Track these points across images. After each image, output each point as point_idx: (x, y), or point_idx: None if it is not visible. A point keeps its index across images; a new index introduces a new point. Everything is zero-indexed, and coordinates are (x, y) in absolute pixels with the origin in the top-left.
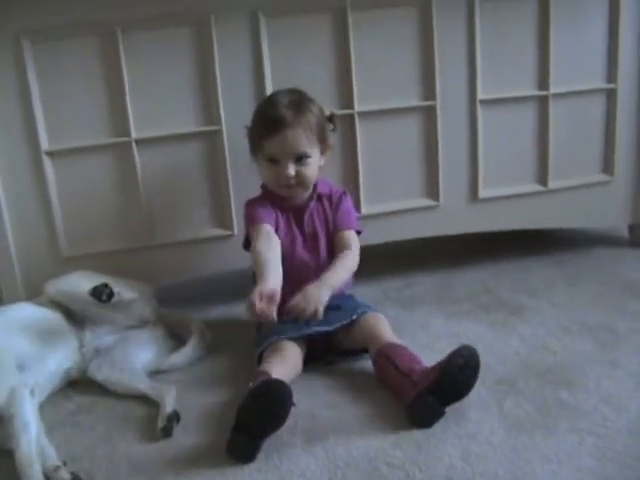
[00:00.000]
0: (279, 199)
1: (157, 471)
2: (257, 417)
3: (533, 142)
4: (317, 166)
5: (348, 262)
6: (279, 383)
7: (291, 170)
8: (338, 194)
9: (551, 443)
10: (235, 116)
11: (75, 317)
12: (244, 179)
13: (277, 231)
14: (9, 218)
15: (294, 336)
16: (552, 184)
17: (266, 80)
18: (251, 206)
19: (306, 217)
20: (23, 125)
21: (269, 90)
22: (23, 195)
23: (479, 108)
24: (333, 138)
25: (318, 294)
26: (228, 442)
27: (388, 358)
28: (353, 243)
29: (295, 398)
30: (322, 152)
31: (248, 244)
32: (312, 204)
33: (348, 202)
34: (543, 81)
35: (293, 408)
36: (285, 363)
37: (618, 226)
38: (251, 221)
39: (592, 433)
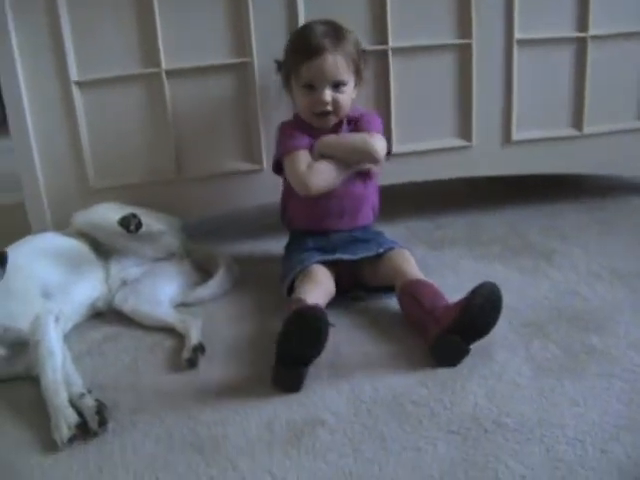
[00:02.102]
0: (310, 128)
1: (181, 401)
2: (296, 346)
3: (569, 85)
4: (351, 96)
5: (363, 135)
6: (312, 308)
7: (328, 96)
8: (366, 113)
9: (578, 386)
10: (266, 49)
11: (102, 248)
12: (274, 113)
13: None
14: (37, 149)
15: (320, 261)
16: (587, 129)
17: (299, 13)
18: (286, 129)
19: None
20: (52, 55)
21: (302, 23)
22: (52, 126)
23: (515, 48)
24: (366, 75)
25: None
26: (273, 374)
27: (413, 295)
28: (378, 134)
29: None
30: (356, 84)
31: (278, 167)
32: (344, 127)
33: (374, 117)
34: (582, 22)
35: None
36: (318, 286)
37: None
38: (289, 145)
39: (620, 378)
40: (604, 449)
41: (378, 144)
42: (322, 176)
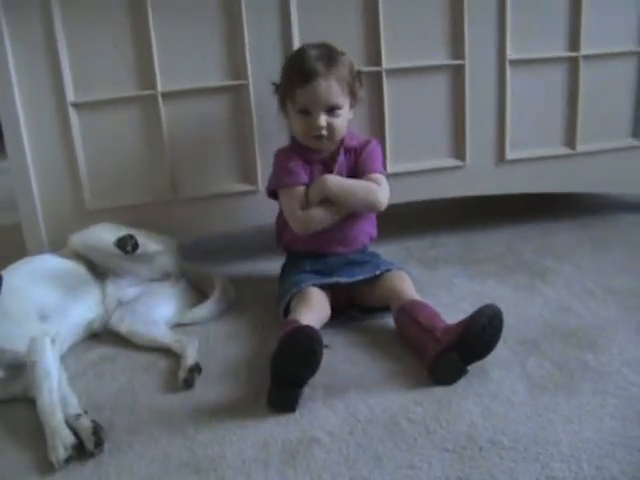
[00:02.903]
0: (308, 152)
1: (178, 421)
2: (290, 366)
3: (562, 104)
4: (346, 119)
5: (369, 185)
6: (305, 328)
7: (322, 121)
8: (364, 142)
9: (573, 404)
10: (262, 71)
11: (98, 269)
12: (269, 135)
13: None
14: (34, 170)
15: (316, 284)
16: (580, 147)
17: (294, 35)
18: (283, 159)
19: (335, 171)
20: (49, 76)
21: (296, 45)
22: (48, 147)
23: (508, 68)
24: (362, 94)
25: (324, 177)
26: (268, 395)
27: (410, 314)
28: (381, 182)
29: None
30: (351, 105)
31: (273, 194)
32: (340, 158)
33: (374, 147)
34: (574, 42)
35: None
36: (313, 309)
37: None
38: (286, 180)
39: (614, 395)
40: (599, 466)
41: (383, 195)
42: (317, 221)
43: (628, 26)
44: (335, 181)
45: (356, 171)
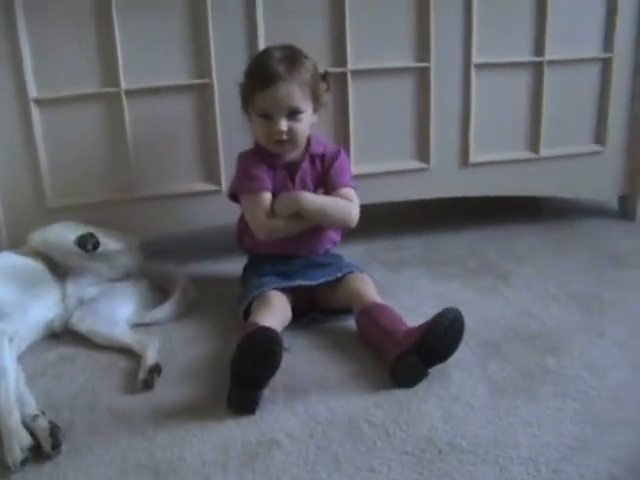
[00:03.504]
0: (271, 157)
1: (138, 422)
2: (250, 367)
3: (526, 108)
4: (309, 123)
5: (342, 202)
6: (265, 330)
7: (283, 125)
8: (332, 152)
9: (533, 407)
10: (226, 70)
11: (58, 268)
12: (234, 134)
13: (272, 188)
14: None
15: (278, 287)
16: (544, 152)
17: (259, 35)
18: (246, 164)
19: (297, 178)
20: (11, 73)
21: (262, 45)
22: (9, 144)
23: (473, 72)
24: (325, 95)
25: (298, 195)
26: (228, 396)
27: (371, 317)
28: (352, 198)
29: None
30: (315, 110)
31: (234, 197)
32: (305, 165)
33: (342, 160)
34: (539, 47)
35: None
36: (273, 312)
37: (608, 197)
38: (250, 186)
39: (574, 399)
40: (557, 469)
41: (355, 212)
42: (282, 231)
43: (593, 32)
44: (310, 200)
45: (324, 182)
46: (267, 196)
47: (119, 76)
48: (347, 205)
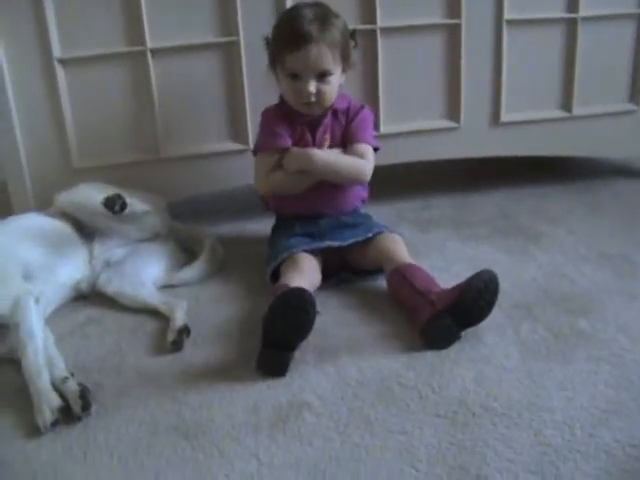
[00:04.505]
0: (295, 113)
1: (167, 384)
2: (282, 329)
3: (559, 66)
4: (338, 84)
5: (355, 160)
6: (299, 291)
7: (312, 87)
8: (356, 108)
9: (567, 370)
10: (253, 27)
11: (85, 229)
12: (260, 93)
13: (292, 144)
14: (20, 128)
15: (307, 249)
16: (576, 111)
17: None
18: (268, 122)
19: (319, 132)
20: (35, 32)
21: (289, 1)
22: (35, 105)
23: (505, 28)
24: (355, 54)
25: (308, 152)
26: (258, 358)
27: (404, 277)
28: (367, 154)
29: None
30: (344, 70)
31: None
32: (327, 120)
33: (366, 115)
34: (573, 3)
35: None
36: (303, 275)
37: None
38: (267, 144)
39: (608, 362)
40: (592, 433)
41: (367, 168)
42: (277, 185)
43: None
44: (321, 158)
45: (344, 136)
46: (274, 157)
47: (145, 35)
48: (358, 163)
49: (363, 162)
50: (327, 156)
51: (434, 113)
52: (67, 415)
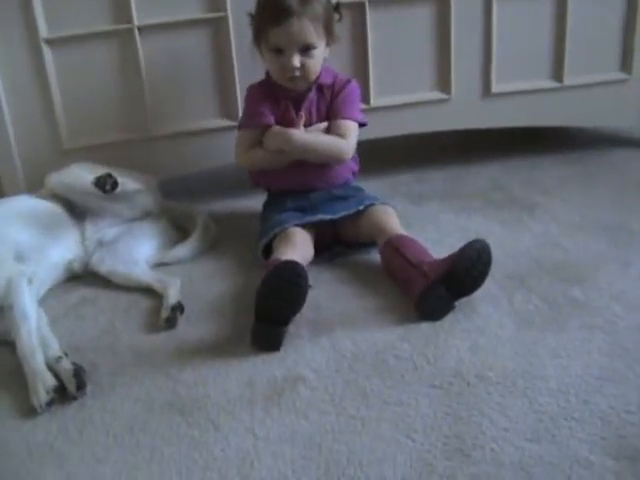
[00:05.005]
0: (280, 87)
1: (161, 361)
2: (275, 303)
3: (549, 36)
4: (322, 58)
5: (332, 139)
6: (291, 264)
7: (296, 61)
8: (342, 82)
9: (561, 339)
10: (241, 2)
11: (77, 210)
12: (250, 68)
13: (274, 120)
14: (8, 110)
15: (299, 224)
16: (567, 80)
17: None
18: (252, 99)
19: (303, 108)
20: (21, 12)
21: None
22: (22, 86)
23: None
24: (343, 27)
25: (287, 132)
26: (252, 333)
27: (397, 249)
28: (348, 131)
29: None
30: (328, 44)
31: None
32: (311, 94)
33: (352, 90)
34: None
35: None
36: (295, 249)
37: (634, 126)
38: (251, 121)
39: (602, 330)
40: (587, 400)
41: (348, 147)
42: (255, 162)
43: None
44: (300, 139)
45: (329, 111)
46: (255, 134)
47: (131, 12)
48: (339, 143)
49: (344, 142)
50: (306, 137)
51: (425, 85)
52: (62, 395)
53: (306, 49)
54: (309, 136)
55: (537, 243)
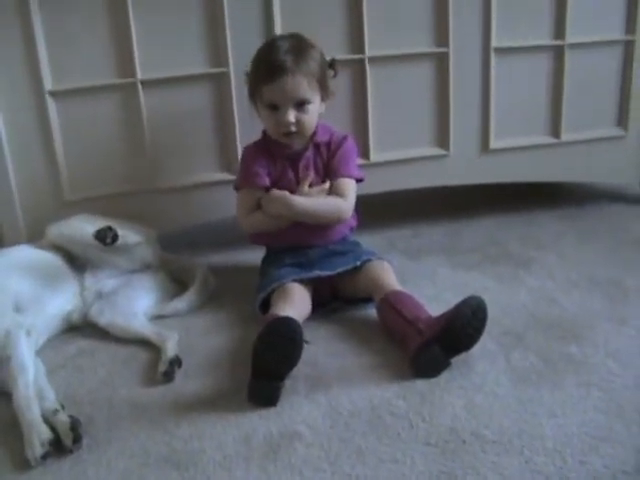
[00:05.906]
0: (277, 146)
1: (158, 415)
2: (270, 358)
3: (547, 93)
4: (317, 113)
5: (332, 202)
6: (287, 320)
7: (291, 116)
8: (338, 140)
9: (557, 396)
10: (243, 58)
11: (77, 261)
12: (251, 123)
13: (272, 180)
14: (11, 159)
15: (297, 279)
16: (565, 137)
17: (275, 22)
18: (248, 159)
19: (300, 166)
20: (26, 64)
21: (278, 32)
22: (26, 137)
23: (493, 56)
24: (343, 83)
25: (287, 198)
26: (249, 388)
27: (393, 306)
28: (347, 191)
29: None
30: (323, 99)
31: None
32: (308, 153)
33: (349, 147)
34: (559, 30)
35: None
36: (293, 305)
37: (630, 182)
38: (247, 182)
39: (598, 388)
40: (583, 460)
41: (347, 207)
42: (256, 226)
43: (614, 14)
44: (300, 204)
45: (327, 169)
46: (255, 194)
47: (135, 66)
48: (338, 204)
49: (343, 202)
50: (305, 202)
51: (423, 141)
52: (58, 448)
53: (301, 104)
54: (309, 201)
55: (533, 299)
